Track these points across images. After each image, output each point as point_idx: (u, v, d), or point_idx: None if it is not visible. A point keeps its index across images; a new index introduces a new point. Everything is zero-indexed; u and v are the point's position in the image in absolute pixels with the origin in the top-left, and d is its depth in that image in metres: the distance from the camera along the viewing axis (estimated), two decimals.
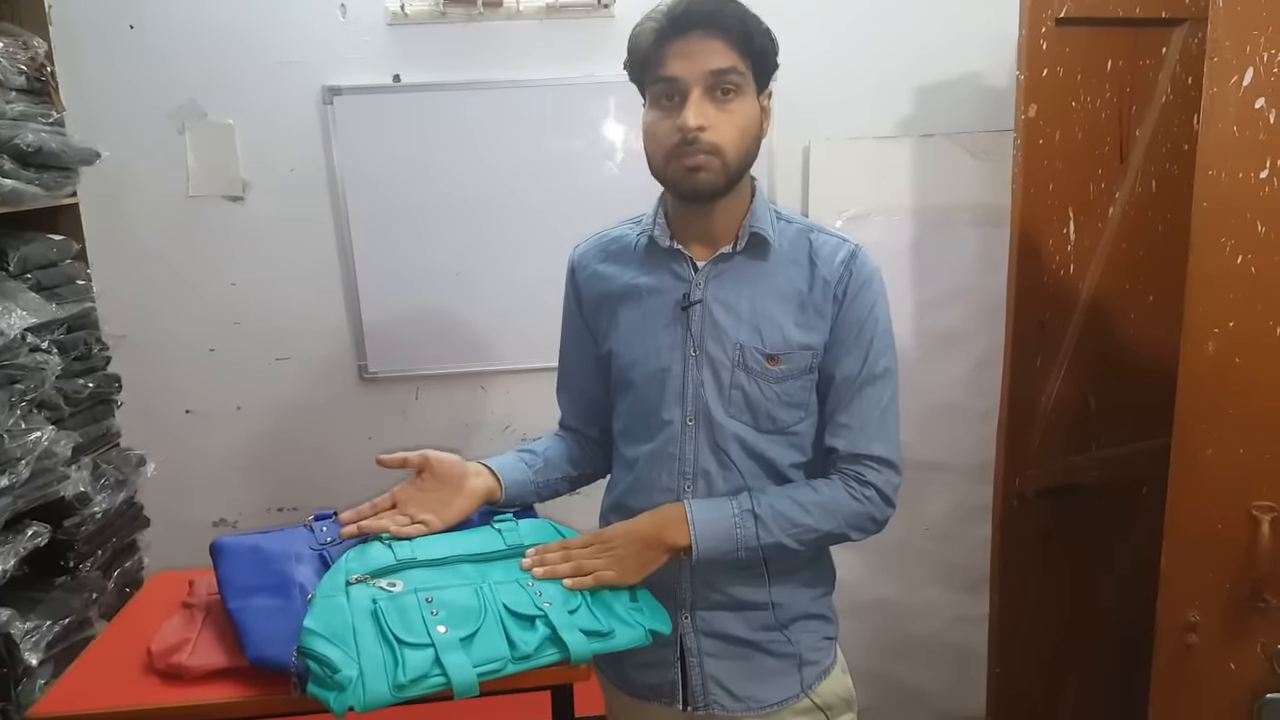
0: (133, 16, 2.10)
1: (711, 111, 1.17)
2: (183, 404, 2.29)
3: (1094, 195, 1.91)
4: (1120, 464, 2.03)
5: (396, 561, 1.18)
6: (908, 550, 2.49)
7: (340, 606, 1.11)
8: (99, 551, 1.94)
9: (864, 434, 1.26)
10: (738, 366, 1.25)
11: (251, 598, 1.18)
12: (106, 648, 1.25)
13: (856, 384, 1.25)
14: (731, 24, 1.16)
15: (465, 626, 1.12)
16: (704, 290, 1.26)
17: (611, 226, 1.40)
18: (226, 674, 1.14)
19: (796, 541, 1.24)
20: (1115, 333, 1.98)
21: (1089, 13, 1.77)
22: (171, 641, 1.17)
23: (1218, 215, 1.25)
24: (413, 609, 1.12)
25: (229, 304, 2.26)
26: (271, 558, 1.24)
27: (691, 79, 1.16)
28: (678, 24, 1.16)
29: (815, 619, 1.36)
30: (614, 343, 1.33)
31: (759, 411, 1.26)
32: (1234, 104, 1.20)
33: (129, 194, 2.17)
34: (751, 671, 1.32)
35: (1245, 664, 1.34)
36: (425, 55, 2.18)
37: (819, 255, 1.26)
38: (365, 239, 2.25)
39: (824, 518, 1.24)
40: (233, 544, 1.26)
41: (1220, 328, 1.27)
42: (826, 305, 1.24)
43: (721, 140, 1.18)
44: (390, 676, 1.05)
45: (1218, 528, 1.32)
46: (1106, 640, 2.09)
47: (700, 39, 1.16)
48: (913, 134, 2.28)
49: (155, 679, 1.14)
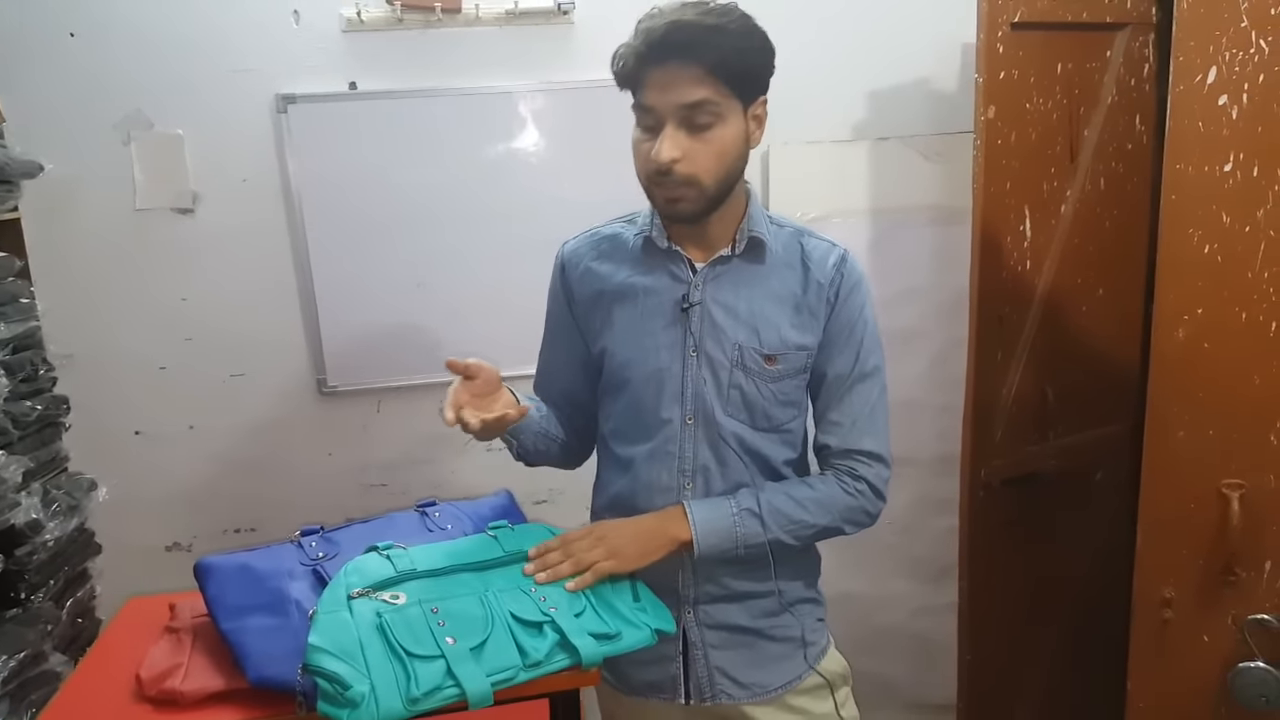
0: (74, 24, 2.01)
1: (687, 142, 1.17)
2: (133, 424, 2.20)
3: (1047, 193, 1.98)
4: (1076, 452, 2.11)
5: (396, 573, 1.16)
6: (871, 544, 2.52)
7: (344, 621, 1.08)
8: (51, 581, 1.85)
9: (855, 430, 1.29)
10: (736, 366, 1.27)
11: (246, 618, 1.15)
12: (88, 678, 1.20)
13: (848, 382, 1.29)
14: (708, 54, 1.14)
15: (474, 636, 1.10)
16: (703, 291, 1.28)
17: (602, 224, 1.40)
18: (223, 697, 1.11)
19: (794, 538, 1.27)
20: (1069, 325, 2.06)
21: (1041, 17, 1.84)
22: (162, 667, 1.13)
23: (1185, 207, 1.32)
24: (419, 621, 1.10)
25: (180, 320, 2.18)
26: (263, 575, 1.21)
27: (666, 110, 1.16)
28: (654, 52, 1.15)
29: (810, 602, 1.41)
30: (608, 341, 1.33)
31: (756, 410, 1.28)
32: (1199, 101, 1.26)
33: (73, 208, 2.07)
34: (755, 658, 1.35)
35: (1218, 636, 1.40)
36: (382, 62, 2.15)
37: (811, 259, 1.29)
38: (322, 250, 2.20)
39: (820, 513, 1.27)
40: (219, 563, 1.22)
41: (1190, 314, 1.33)
42: (820, 307, 1.28)
43: (697, 171, 1.18)
44: (403, 690, 1.03)
45: (1190, 507, 1.38)
46: (1065, 620, 2.17)
47: (677, 69, 1.15)
48: (868, 138, 2.34)
49: (148, 706, 1.10)
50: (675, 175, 1.17)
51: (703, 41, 1.13)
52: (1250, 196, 1.26)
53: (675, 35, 1.13)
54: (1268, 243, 1.25)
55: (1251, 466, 1.32)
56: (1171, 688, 1.48)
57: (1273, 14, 1.22)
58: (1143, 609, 1.47)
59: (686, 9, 1.16)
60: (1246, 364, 1.30)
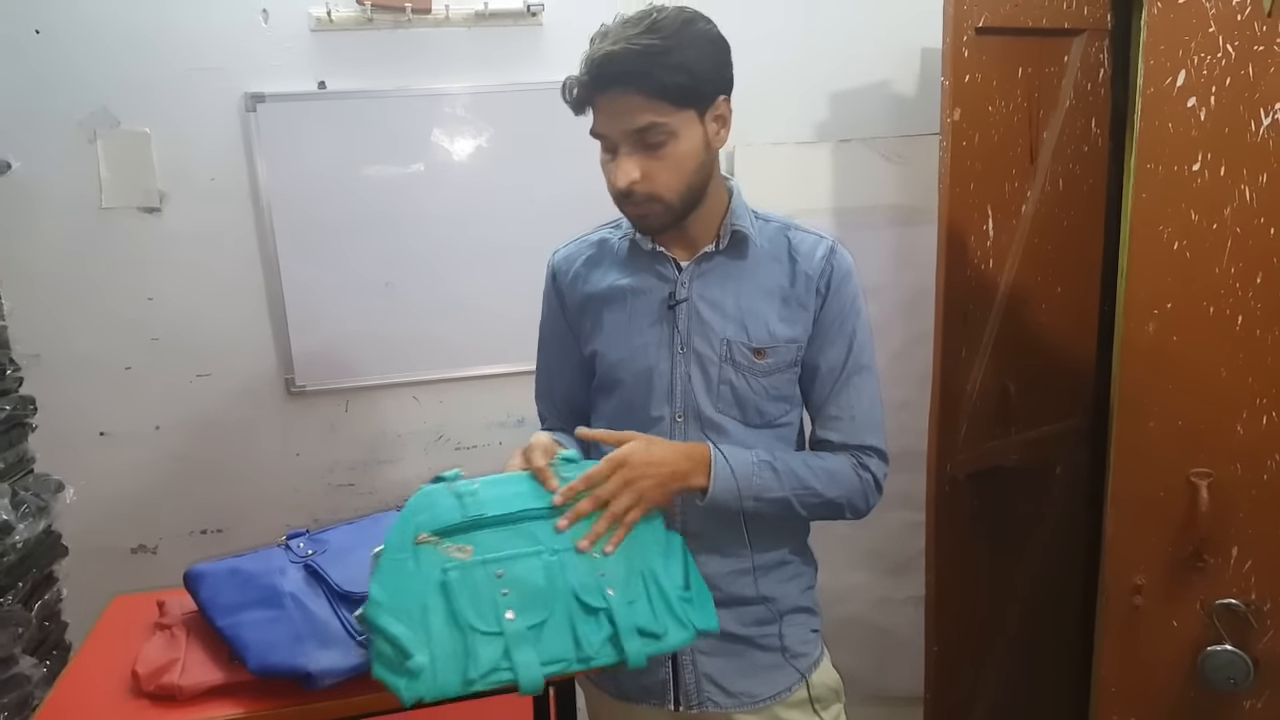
0: (39, 20, 1.99)
1: (645, 162, 1.18)
2: (98, 425, 2.17)
3: (1009, 194, 2.04)
4: (1036, 446, 2.17)
5: (464, 519, 1.09)
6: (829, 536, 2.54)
7: (409, 572, 1.04)
8: (20, 583, 1.82)
9: (858, 425, 1.31)
10: (725, 362, 1.28)
11: (241, 613, 1.16)
12: (82, 674, 1.19)
13: (844, 375, 1.30)
14: (644, 81, 1.14)
15: (534, 613, 1.07)
16: (689, 288, 1.29)
17: (590, 231, 1.41)
18: (223, 690, 1.11)
19: (800, 504, 1.26)
20: (1029, 322, 2.13)
21: (1003, 23, 1.90)
22: (159, 663, 1.13)
23: (1155, 205, 1.37)
24: (484, 586, 1.06)
25: (146, 320, 2.16)
26: (254, 575, 1.21)
27: (616, 137, 1.18)
28: (595, 83, 1.16)
29: (803, 612, 1.39)
30: (598, 343, 1.34)
31: (747, 406, 1.29)
32: (1168, 103, 1.31)
33: (38, 206, 2.04)
34: (744, 667, 1.34)
35: (1187, 621, 1.45)
36: (351, 62, 2.15)
37: (799, 251, 1.30)
38: (290, 250, 2.19)
39: (830, 485, 1.27)
40: (209, 569, 1.23)
41: (1159, 309, 1.38)
42: (809, 298, 1.29)
43: (657, 188, 1.19)
44: (461, 668, 1.01)
45: (1160, 495, 1.43)
46: (1027, 609, 2.23)
47: (618, 97, 1.15)
48: (831, 139, 2.39)
49: (145, 702, 1.10)
50: (636, 195, 1.19)
51: (636, 70, 1.13)
52: (1218, 195, 1.31)
53: (609, 66, 1.14)
54: (1234, 240, 1.30)
55: (1219, 455, 1.37)
56: (1141, 672, 1.52)
57: (1239, 19, 1.27)
58: (1113, 595, 1.51)
59: (624, 29, 1.15)
60: (1214, 357, 1.35)
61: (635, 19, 1.16)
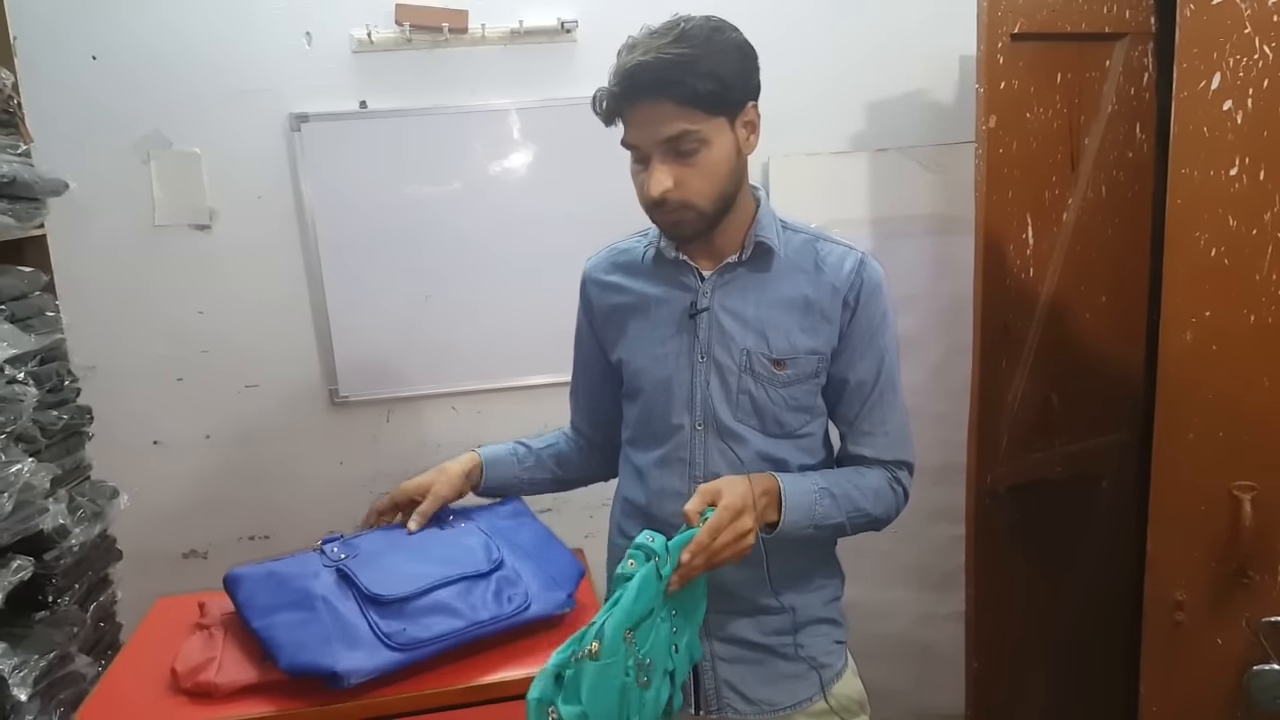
0: (96, 47, 2.08)
1: (676, 170, 1.18)
2: (151, 434, 2.25)
3: (1049, 202, 2.01)
4: (1082, 459, 2.12)
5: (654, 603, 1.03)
6: (871, 552, 2.53)
7: (612, 682, 0.97)
8: (76, 585, 1.88)
9: (893, 441, 1.31)
10: (745, 372, 1.28)
11: (275, 615, 1.19)
12: (125, 671, 1.23)
13: (876, 390, 1.30)
14: (675, 89, 1.14)
15: (651, 689, 1.07)
16: (710, 298, 1.30)
17: (621, 240, 1.43)
18: (256, 689, 1.14)
19: (851, 525, 1.28)
20: (1072, 332, 2.09)
21: (1040, 29, 1.88)
22: (196, 661, 1.16)
23: (1191, 211, 1.33)
24: (634, 676, 1.03)
25: (197, 333, 2.23)
26: (288, 578, 1.24)
27: (648, 146, 1.18)
28: (626, 93, 1.17)
29: (827, 623, 1.38)
30: (622, 351, 1.36)
31: (766, 416, 1.29)
32: (1203, 107, 1.28)
33: (95, 224, 2.13)
34: (764, 675, 1.34)
35: (1232, 638, 1.40)
36: (391, 81, 2.20)
37: (825, 262, 1.29)
38: (334, 264, 2.24)
39: (875, 503, 1.29)
40: (247, 573, 1.26)
41: (1197, 317, 1.34)
42: (835, 311, 1.28)
43: (690, 196, 1.20)
44: None
45: (1201, 508, 1.38)
46: (1075, 627, 2.18)
47: (650, 107, 1.16)
48: (867, 149, 2.37)
49: (183, 698, 1.14)
50: (670, 203, 1.20)
51: (667, 79, 1.14)
52: (1257, 200, 1.27)
53: (641, 76, 1.14)
54: (1275, 245, 1.26)
55: (1263, 468, 1.32)
56: (1185, 691, 1.47)
57: (1275, 20, 1.23)
58: (1155, 612, 1.46)
59: (653, 40, 1.16)
60: (1255, 366, 1.30)
61: (663, 29, 1.17)
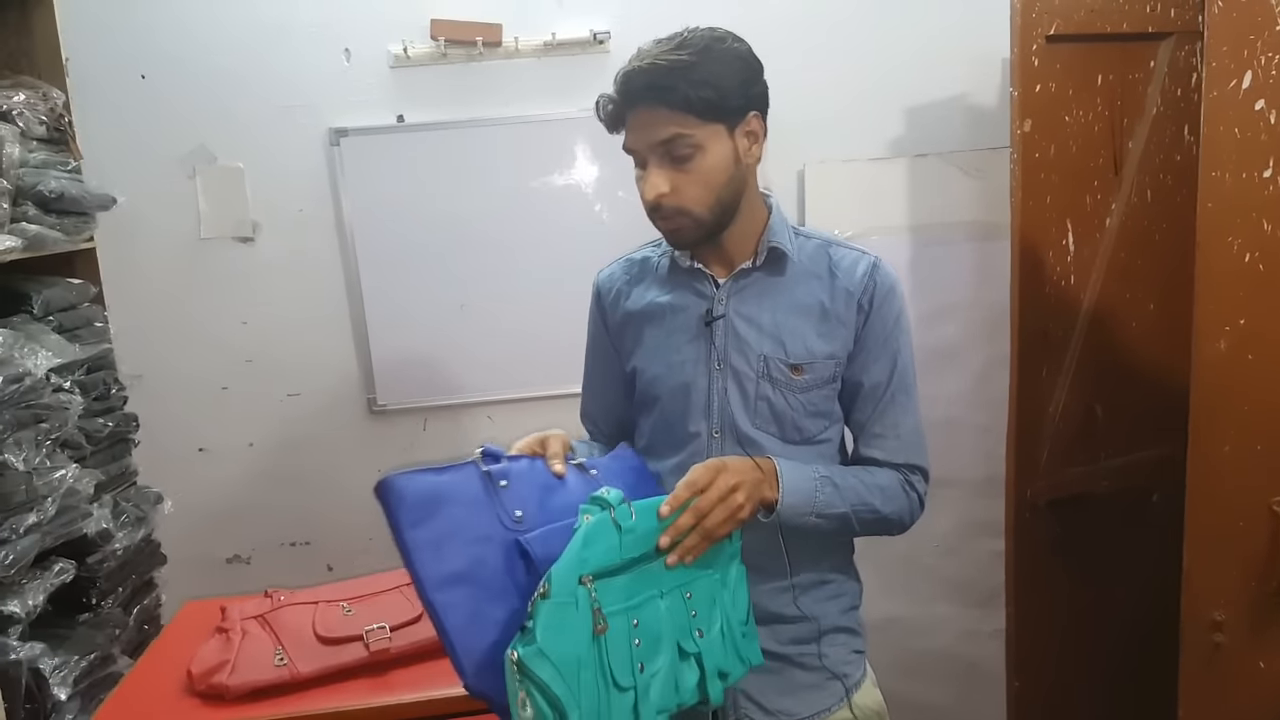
0: (145, 67, 2.16)
1: (671, 175, 1.19)
2: (197, 442, 2.31)
3: (1090, 206, 1.95)
4: (1129, 473, 2.05)
5: (621, 561, 1.03)
6: (914, 566, 2.50)
7: (571, 619, 0.96)
8: (119, 588, 1.95)
9: (904, 444, 1.29)
10: (762, 378, 1.27)
11: (457, 588, 0.99)
12: (146, 673, 1.27)
13: (888, 393, 1.28)
14: (668, 94, 1.15)
15: (655, 663, 1.04)
16: (726, 305, 1.29)
17: (634, 250, 1.43)
18: (267, 691, 1.16)
19: (858, 520, 1.25)
20: (1118, 341, 2.02)
21: (1078, 29, 1.83)
22: (211, 664, 1.19)
23: (1223, 215, 1.28)
24: (624, 637, 1.01)
25: (241, 342, 2.29)
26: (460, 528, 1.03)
27: (644, 150, 1.20)
28: (624, 99, 1.19)
29: (845, 632, 1.36)
30: (638, 360, 1.35)
31: (785, 422, 1.28)
32: (1234, 107, 1.23)
33: (143, 237, 2.21)
34: (783, 685, 1.32)
35: (1274, 660, 1.33)
36: (428, 95, 2.24)
37: (839, 267, 1.29)
38: (373, 275, 2.29)
39: (884, 501, 1.26)
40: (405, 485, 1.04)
41: (1231, 325, 1.29)
42: (849, 315, 1.27)
43: (685, 202, 1.20)
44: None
45: (1239, 525, 1.32)
46: (1120, 648, 2.10)
47: (646, 111, 1.18)
48: (906, 154, 2.33)
49: (196, 700, 1.17)
50: (665, 209, 1.21)
51: (661, 83, 1.16)
52: None
53: (635, 81, 1.17)
54: None
55: None
56: (1224, 715, 1.41)
57: None
58: (1192, 633, 1.41)
59: (655, 47, 1.18)
60: None
61: (668, 38, 1.19)
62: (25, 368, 1.58)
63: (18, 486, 1.57)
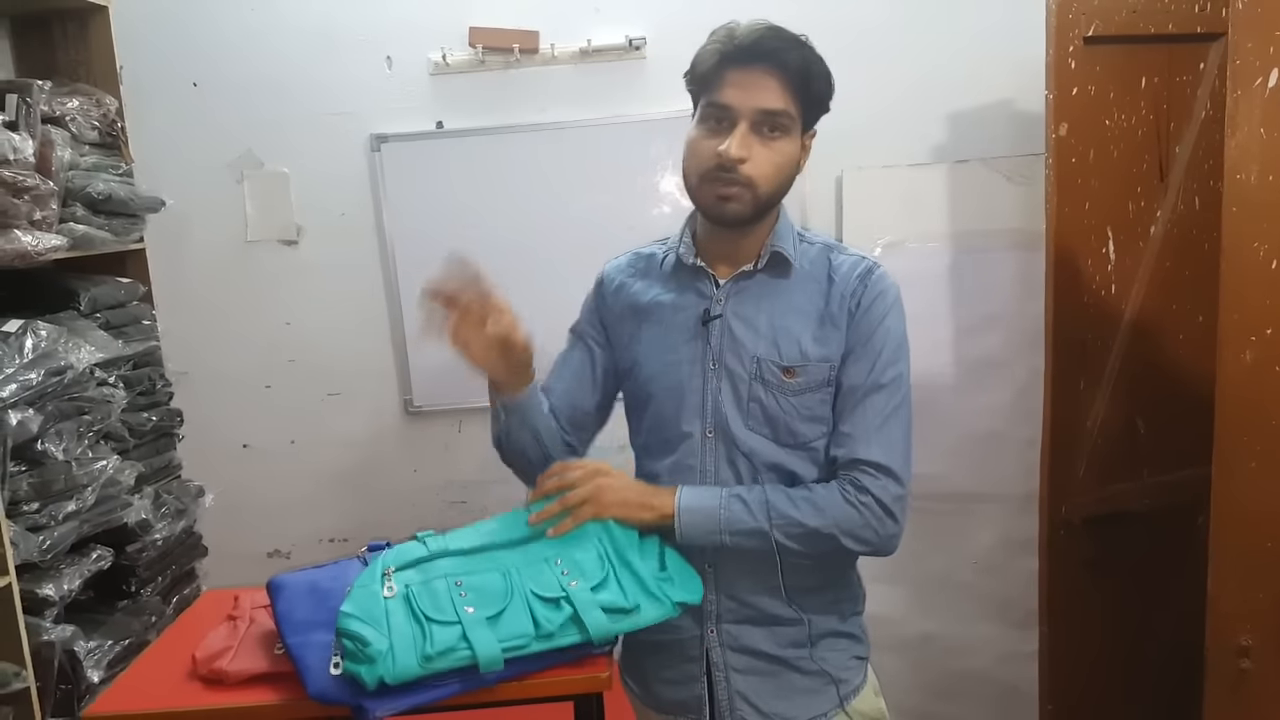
0: (196, 75, 2.25)
1: (754, 145, 1.20)
2: (241, 438, 2.39)
3: (1134, 214, 1.88)
4: (1173, 490, 1.96)
5: (430, 552, 1.21)
6: (953, 584, 2.43)
7: (375, 593, 1.15)
8: (159, 578, 2.02)
9: (862, 440, 1.25)
10: (755, 380, 1.27)
11: (310, 633, 1.20)
12: (157, 656, 1.32)
13: (861, 392, 1.26)
14: (793, 66, 1.18)
15: (492, 607, 1.16)
16: (724, 306, 1.29)
17: (643, 246, 1.43)
18: (263, 679, 1.19)
19: (785, 535, 1.22)
20: (1163, 354, 1.94)
21: (1119, 31, 1.77)
22: (215, 649, 1.23)
23: (1248, 220, 1.23)
24: (443, 593, 1.16)
25: (284, 343, 2.36)
26: (327, 594, 1.25)
27: (743, 111, 1.19)
28: (742, 54, 1.19)
29: (844, 637, 1.35)
30: (636, 355, 1.36)
31: (779, 425, 1.27)
32: (1259, 106, 1.18)
33: (191, 239, 2.30)
34: (779, 688, 1.32)
35: None
36: (466, 102, 2.28)
37: (837, 272, 1.29)
38: (411, 278, 2.33)
39: (812, 514, 1.22)
40: (290, 581, 1.28)
41: (1257, 335, 1.23)
42: (842, 317, 1.27)
43: (758, 175, 1.21)
44: (419, 649, 1.11)
45: (1266, 544, 1.26)
46: (1160, 674, 2.01)
47: (760, 74, 1.19)
48: (947, 160, 2.28)
49: (199, 684, 1.21)
50: (737, 173, 1.20)
51: (790, 53, 1.18)
52: None
53: (766, 41, 1.18)
54: None
55: None
56: None
57: None
58: (1217, 658, 1.35)
59: (774, 27, 1.21)
60: None
61: (772, 25, 1.21)
62: (68, 361, 1.66)
63: (58, 475, 1.64)
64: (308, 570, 1.31)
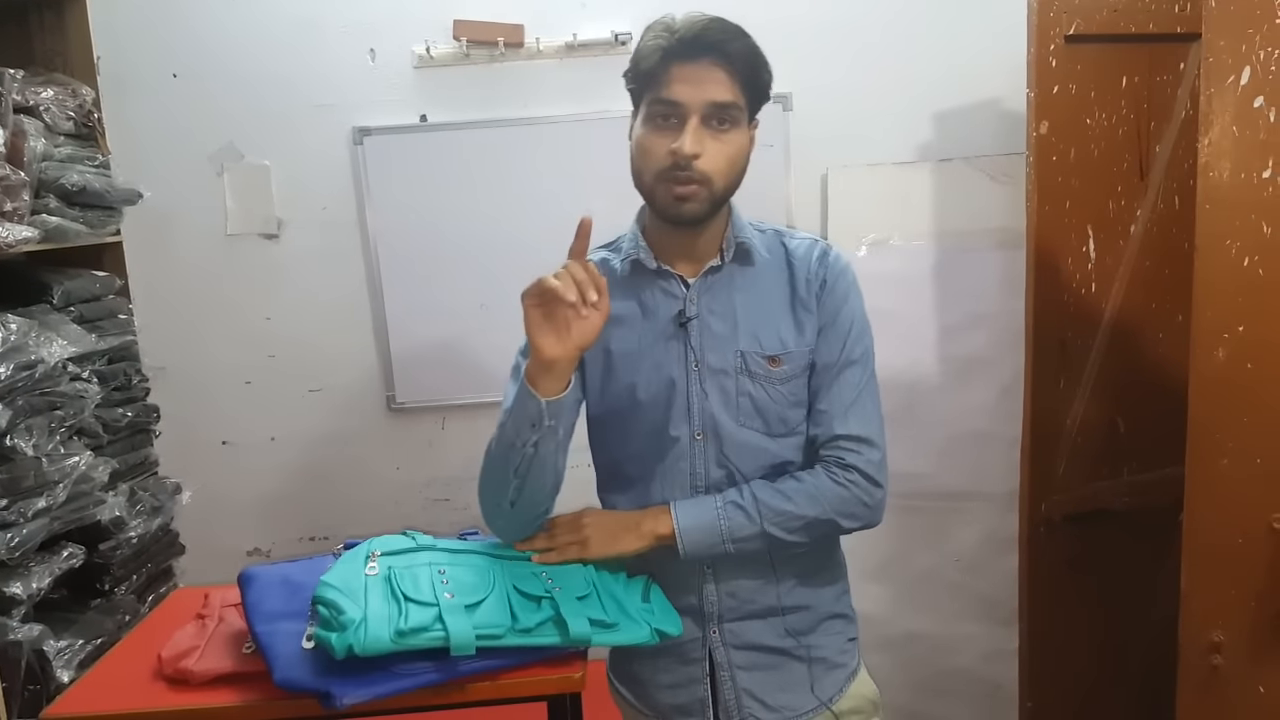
0: (176, 66, 2.22)
1: (706, 140, 1.18)
2: (220, 434, 2.37)
3: (1114, 213, 1.89)
4: (1153, 489, 1.97)
5: (416, 546, 1.24)
6: (937, 582, 2.43)
7: (357, 569, 1.18)
8: (134, 576, 2.00)
9: (839, 416, 1.26)
10: (741, 373, 1.26)
11: (279, 622, 1.21)
12: (124, 655, 1.30)
13: (834, 370, 1.27)
14: (739, 57, 1.18)
15: (472, 596, 1.18)
16: (697, 305, 1.28)
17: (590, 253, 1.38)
18: (231, 679, 1.18)
19: (784, 530, 1.24)
20: (1144, 353, 1.94)
21: (1100, 30, 1.77)
22: (181, 648, 1.21)
23: (1221, 217, 1.23)
24: (424, 578, 1.18)
25: (264, 338, 2.34)
26: (300, 587, 1.26)
27: (693, 106, 1.18)
28: (686, 47, 1.17)
29: (839, 619, 1.37)
30: (612, 367, 1.31)
31: (770, 416, 1.27)
32: (1232, 104, 1.18)
33: (171, 233, 2.27)
34: (783, 680, 1.32)
35: (1274, 684, 1.27)
36: (450, 96, 2.26)
37: (795, 256, 1.30)
38: (393, 273, 2.32)
39: (808, 504, 1.23)
40: (261, 573, 1.30)
41: (1230, 333, 1.24)
42: (811, 300, 1.28)
43: (712, 170, 1.19)
44: (393, 624, 1.11)
45: (1238, 542, 1.27)
46: (1141, 670, 2.02)
47: (707, 67, 1.17)
48: (931, 159, 2.28)
49: (163, 684, 1.19)
50: (693, 170, 1.18)
51: (735, 43, 1.17)
52: None
53: (710, 34, 1.17)
54: None
55: None
56: None
57: None
58: (1190, 654, 1.35)
59: (709, 17, 1.19)
60: None
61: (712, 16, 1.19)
62: (39, 355, 1.64)
63: (27, 472, 1.62)
64: (280, 564, 1.32)
